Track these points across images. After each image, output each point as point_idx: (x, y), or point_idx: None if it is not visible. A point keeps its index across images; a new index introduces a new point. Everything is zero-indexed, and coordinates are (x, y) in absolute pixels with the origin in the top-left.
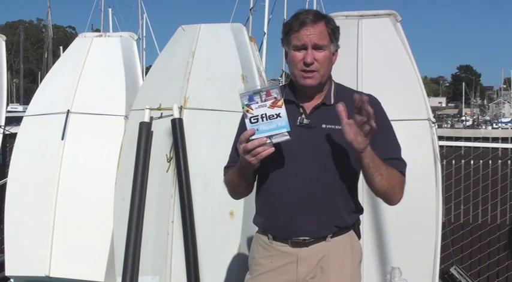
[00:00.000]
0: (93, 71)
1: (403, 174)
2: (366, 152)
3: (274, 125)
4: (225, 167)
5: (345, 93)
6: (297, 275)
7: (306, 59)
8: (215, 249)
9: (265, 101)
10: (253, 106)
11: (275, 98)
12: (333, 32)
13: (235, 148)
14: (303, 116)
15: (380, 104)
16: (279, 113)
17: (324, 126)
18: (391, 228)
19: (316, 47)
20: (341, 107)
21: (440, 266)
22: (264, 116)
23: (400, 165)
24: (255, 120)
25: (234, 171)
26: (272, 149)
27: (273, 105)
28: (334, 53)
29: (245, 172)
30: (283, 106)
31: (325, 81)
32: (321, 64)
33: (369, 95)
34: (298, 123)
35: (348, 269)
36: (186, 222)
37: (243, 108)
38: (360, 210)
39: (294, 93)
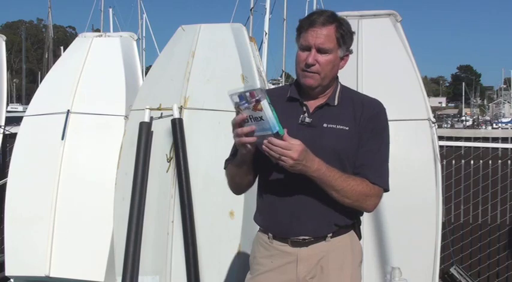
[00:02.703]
0: (93, 71)
1: (377, 183)
2: (309, 174)
3: (261, 127)
4: (226, 160)
5: (350, 96)
6: (296, 274)
7: (307, 60)
8: (215, 249)
9: (249, 102)
10: (241, 107)
11: (256, 100)
12: (343, 37)
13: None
14: (305, 114)
15: (384, 110)
16: (261, 116)
17: (325, 125)
18: (391, 229)
19: (321, 50)
20: None
21: (440, 266)
22: (251, 117)
23: (372, 174)
24: (246, 121)
25: (234, 162)
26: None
27: (254, 108)
28: (343, 57)
29: (242, 161)
30: (264, 109)
31: (327, 83)
32: (322, 67)
33: (375, 100)
34: (300, 121)
35: (348, 269)
36: (186, 222)
37: (234, 107)
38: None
39: (299, 91)
